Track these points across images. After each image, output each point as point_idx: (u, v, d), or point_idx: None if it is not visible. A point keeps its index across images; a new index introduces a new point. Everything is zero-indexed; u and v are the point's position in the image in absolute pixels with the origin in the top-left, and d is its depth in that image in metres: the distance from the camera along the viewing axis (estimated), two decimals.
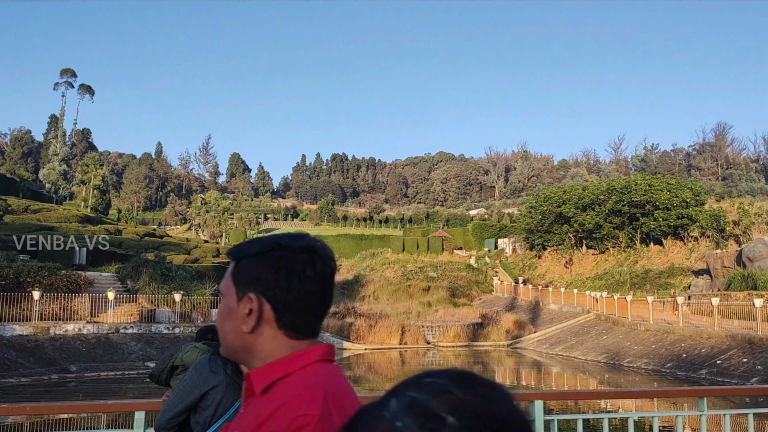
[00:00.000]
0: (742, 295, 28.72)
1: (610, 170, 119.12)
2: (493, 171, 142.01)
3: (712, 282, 36.22)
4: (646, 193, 48.78)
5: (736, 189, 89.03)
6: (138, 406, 3.47)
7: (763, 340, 21.75)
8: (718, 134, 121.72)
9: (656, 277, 42.53)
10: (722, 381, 20.39)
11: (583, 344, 31.02)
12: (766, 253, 33.72)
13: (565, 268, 54.35)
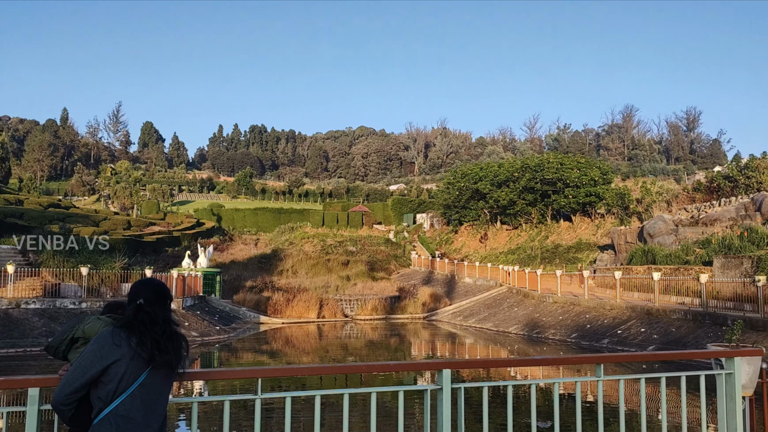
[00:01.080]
0: (643, 269, 30.48)
1: (525, 148, 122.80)
2: (413, 147, 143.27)
3: (616, 256, 38.20)
4: (557, 172, 50.67)
5: (641, 169, 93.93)
6: (31, 382, 3.26)
7: (659, 311, 23.21)
8: (626, 116, 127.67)
9: (565, 252, 44.43)
10: (622, 349, 21.65)
11: (496, 316, 32.09)
12: (665, 229, 35.86)
13: (480, 242, 55.83)
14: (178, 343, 3.15)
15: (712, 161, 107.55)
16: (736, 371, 4.15)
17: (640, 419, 3.85)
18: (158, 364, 3.03)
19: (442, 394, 3.20)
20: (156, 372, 3.04)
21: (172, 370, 3.10)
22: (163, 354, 3.03)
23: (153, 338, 3.04)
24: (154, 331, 3.06)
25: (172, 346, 3.09)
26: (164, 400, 3.11)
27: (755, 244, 29.31)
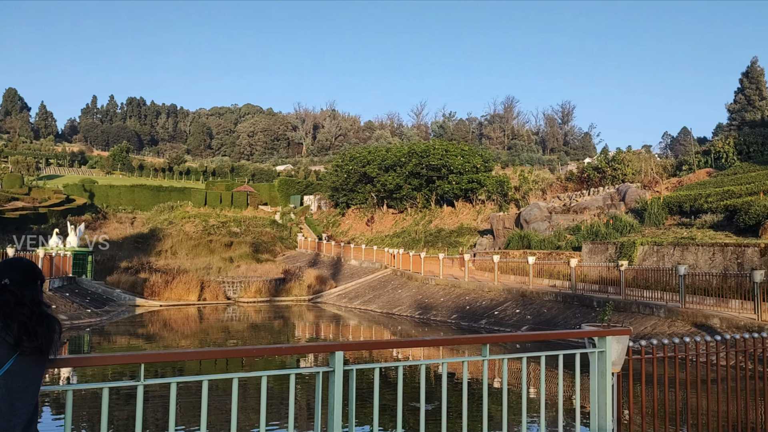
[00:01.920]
0: (519, 253, 32.08)
1: (412, 134, 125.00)
2: (301, 127, 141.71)
3: (495, 241, 39.92)
4: (442, 158, 52.07)
5: (519, 158, 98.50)
6: None
7: (533, 293, 24.53)
8: (507, 107, 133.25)
9: (447, 236, 45.86)
10: (499, 329, 22.71)
11: (381, 298, 32.59)
12: (539, 216, 37.87)
13: (366, 225, 56.38)
14: (50, 326, 2.86)
15: (584, 153, 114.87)
16: (608, 349, 4.42)
17: (521, 396, 4.01)
18: (26, 350, 2.74)
19: (334, 377, 3.15)
20: (24, 358, 2.75)
21: (42, 355, 2.82)
22: (32, 339, 2.75)
23: (20, 321, 2.75)
24: (21, 313, 2.77)
25: (42, 329, 2.80)
26: (34, 389, 2.82)
27: (619, 231, 31.65)
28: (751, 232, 24.97)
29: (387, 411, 9.23)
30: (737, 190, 30.36)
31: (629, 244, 26.34)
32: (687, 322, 17.11)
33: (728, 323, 15.81)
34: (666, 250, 24.72)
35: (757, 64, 63.89)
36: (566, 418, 8.79)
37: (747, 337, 5.48)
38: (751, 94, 62.10)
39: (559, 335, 4.75)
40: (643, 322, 18.17)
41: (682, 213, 32.12)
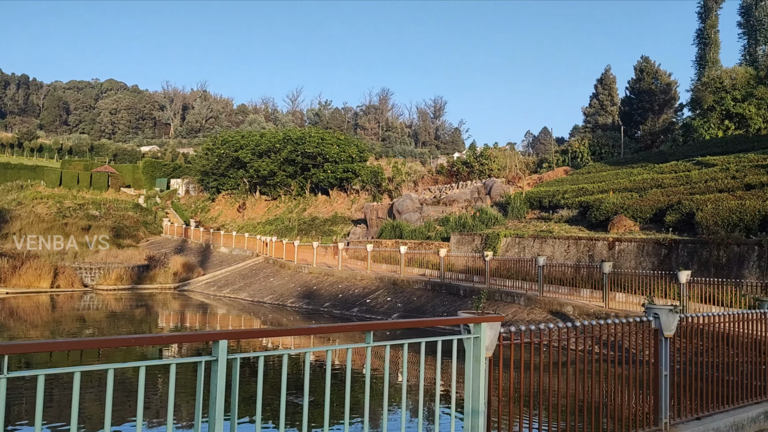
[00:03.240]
0: (391, 243, 32.74)
1: (287, 120, 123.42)
2: (169, 107, 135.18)
3: (368, 230, 40.46)
4: (318, 146, 51.87)
5: (392, 150, 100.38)
6: None
7: (404, 282, 25.15)
8: (382, 99, 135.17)
9: (322, 225, 45.82)
10: (370, 317, 23.07)
11: (251, 286, 31.98)
12: (411, 207, 38.85)
13: (238, 212, 55.01)
14: None
15: (453, 148, 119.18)
16: (483, 335, 4.61)
17: (395, 383, 4.08)
18: None
19: (217, 366, 3.02)
20: None
21: None
22: None
23: None
24: None
25: None
26: None
27: (485, 224, 33.20)
28: (601, 227, 27.15)
29: (267, 400, 9.08)
30: (590, 187, 32.88)
31: (494, 236, 27.72)
32: (544, 309, 18.32)
33: (580, 310, 17.11)
34: (527, 242, 26.28)
35: (610, 72, 69.36)
36: (432, 402, 9.12)
37: (595, 324, 5.94)
38: (604, 99, 67.38)
39: (438, 322, 4.89)
40: (505, 310, 19.22)
41: (542, 207, 34.29)
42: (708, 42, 51.04)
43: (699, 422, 6.33)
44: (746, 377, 7.38)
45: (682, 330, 7.39)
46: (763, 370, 7.49)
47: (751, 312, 7.51)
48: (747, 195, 22.85)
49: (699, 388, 6.80)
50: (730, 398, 6.95)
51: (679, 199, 24.92)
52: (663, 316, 6.09)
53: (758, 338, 7.56)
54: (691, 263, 20.07)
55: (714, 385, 6.95)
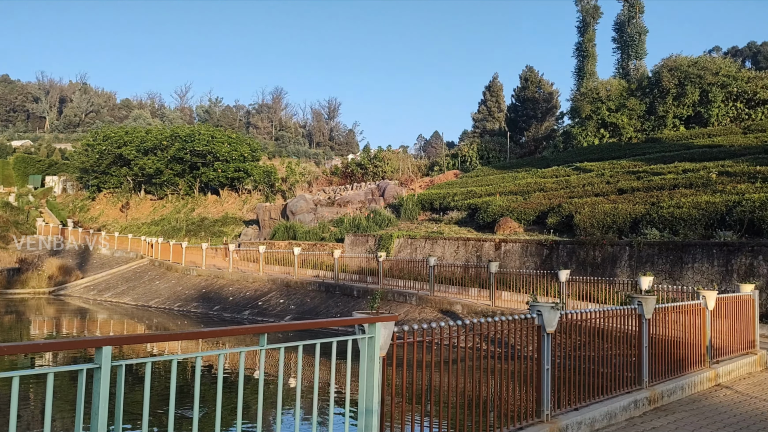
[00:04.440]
0: (284, 244, 32.35)
1: (175, 117, 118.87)
2: (44, 99, 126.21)
3: (261, 231, 39.77)
4: (208, 144, 50.35)
5: (286, 150, 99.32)
6: None
7: (297, 283, 24.93)
8: (276, 98, 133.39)
9: (211, 225, 44.52)
10: (263, 320, 22.66)
11: (135, 290, 30.50)
12: (305, 208, 38.61)
13: (121, 212, 52.32)
14: None
15: (348, 149, 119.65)
16: (377, 335, 4.65)
17: (284, 385, 4.04)
18: None
19: (100, 373, 2.85)
20: None
21: None
22: None
23: None
24: None
25: None
26: None
27: (379, 225, 33.58)
28: (489, 228, 28.23)
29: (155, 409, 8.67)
30: (478, 190, 34.12)
31: (387, 237, 28.10)
32: (435, 308, 18.78)
33: (469, 309, 17.69)
34: (419, 242, 26.85)
35: (497, 80, 72.36)
36: (325, 402, 9.11)
37: (483, 322, 6.17)
38: (492, 106, 70.20)
39: (333, 323, 4.88)
40: (397, 309, 19.52)
41: (434, 209, 35.17)
42: (586, 55, 54.42)
43: (577, 412, 6.72)
44: (619, 369, 7.92)
45: (562, 326, 7.82)
46: (633, 362, 8.07)
47: (623, 308, 8.07)
48: (620, 199, 24.57)
49: (577, 380, 7.22)
50: (604, 389, 7.43)
51: (559, 203, 26.37)
52: (545, 314, 6.42)
53: (629, 332, 8.14)
54: (570, 263, 21.31)
55: (591, 377, 7.41)
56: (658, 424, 7.12)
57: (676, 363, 8.90)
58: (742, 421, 7.40)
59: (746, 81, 38.13)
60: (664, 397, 8.08)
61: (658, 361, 8.47)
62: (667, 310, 9.00)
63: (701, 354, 9.46)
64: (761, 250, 16.86)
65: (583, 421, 6.60)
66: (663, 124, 40.48)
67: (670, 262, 18.88)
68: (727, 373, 9.74)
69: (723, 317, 10.18)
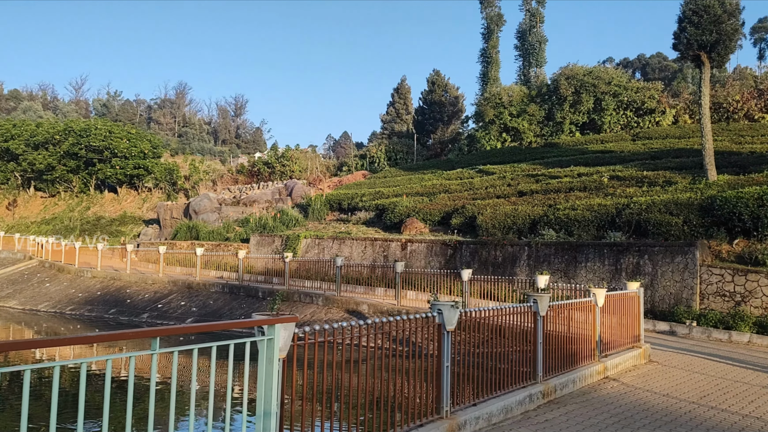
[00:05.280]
0: (187, 244, 31.34)
1: (70, 110, 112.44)
2: None
3: (161, 231, 38.32)
4: (105, 139, 47.97)
5: (190, 147, 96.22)
6: None
7: (200, 285, 24.21)
8: (179, 93, 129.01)
9: (108, 225, 42.46)
10: (162, 323, 21.82)
11: (22, 293, 28.59)
12: (209, 207, 37.58)
13: (7, 210, 48.93)
14: None
15: (255, 147, 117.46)
16: (276, 337, 4.58)
17: (186, 390, 3.91)
18: None
19: None
20: None
21: None
22: None
23: None
24: None
25: None
26: None
27: (286, 225, 33.20)
28: (395, 229, 28.56)
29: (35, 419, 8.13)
30: (386, 191, 34.46)
31: (294, 237, 27.83)
32: (342, 308, 18.78)
33: (375, 309, 17.82)
34: (326, 243, 26.77)
35: (405, 82, 73.36)
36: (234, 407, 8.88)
37: (385, 321, 6.23)
38: (400, 108, 71.10)
39: (231, 325, 4.77)
40: (303, 310, 19.37)
41: (341, 209, 35.18)
42: (490, 61, 56.22)
43: (475, 408, 6.91)
44: (516, 365, 8.22)
45: (463, 324, 8.03)
46: (530, 358, 8.40)
47: (519, 306, 8.39)
48: (520, 201, 25.54)
49: (477, 376, 7.43)
50: (502, 384, 7.69)
51: (463, 204, 27.08)
52: (445, 312, 6.56)
53: (526, 329, 8.46)
54: (473, 262, 21.93)
55: (490, 373, 7.64)
56: (551, 417, 7.44)
57: (569, 358, 9.34)
58: (627, 411, 7.87)
59: (635, 91, 40.66)
60: (557, 391, 8.46)
61: (552, 356, 8.86)
62: (560, 308, 9.44)
63: (591, 348, 9.99)
64: (647, 250, 18.02)
65: (481, 416, 6.80)
66: (560, 129, 42.46)
67: (566, 262, 19.83)
68: (615, 366, 10.33)
69: (611, 313, 10.80)
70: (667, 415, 7.70)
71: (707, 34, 22.05)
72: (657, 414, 7.74)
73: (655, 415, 7.67)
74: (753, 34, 74.04)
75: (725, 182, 21.09)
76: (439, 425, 6.25)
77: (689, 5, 22.61)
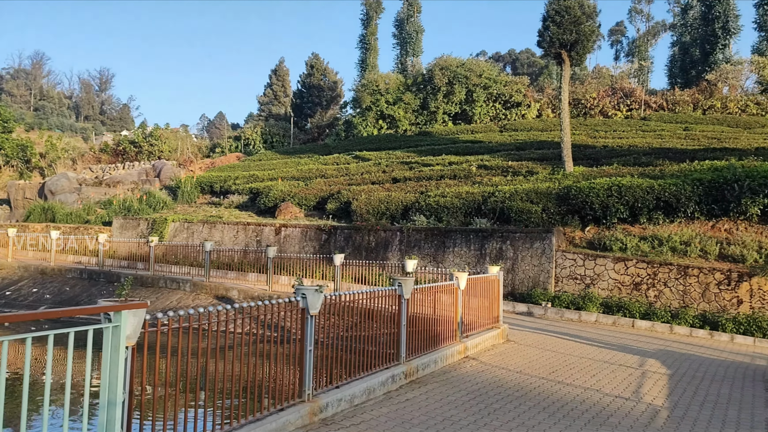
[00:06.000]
0: (41, 227, 29.06)
1: None
2: None
3: (12, 212, 35.29)
4: None
5: (48, 122, 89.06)
6: None
7: (55, 271, 22.55)
8: (35, 63, 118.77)
9: None
10: (9, 311, 20.12)
11: None
12: (68, 187, 35.05)
13: None
14: None
15: (121, 125, 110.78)
16: (123, 323, 4.34)
17: (23, 380, 3.61)
18: None
19: None
20: None
21: None
22: None
23: None
24: None
25: None
26: None
27: (153, 208, 31.68)
28: (270, 213, 28.13)
29: None
30: (261, 175, 33.81)
31: (161, 221, 26.64)
32: (210, 294, 18.26)
33: (245, 294, 17.48)
34: (196, 227, 25.86)
35: (284, 64, 72.21)
36: (81, 397, 8.36)
37: (246, 306, 6.11)
38: (278, 90, 69.87)
39: (75, 312, 4.45)
40: (169, 297, 18.62)
41: (213, 193, 34.09)
42: (369, 48, 56.59)
43: (338, 390, 6.97)
44: (382, 347, 8.39)
45: (333, 308, 8.07)
46: (396, 340, 8.60)
47: (385, 289, 8.55)
48: (393, 187, 26.03)
49: (344, 359, 7.50)
50: (367, 366, 7.82)
51: (339, 189, 27.18)
52: (309, 296, 6.54)
53: (394, 312, 8.65)
54: (347, 247, 22.11)
55: (357, 355, 7.74)
56: (412, 396, 7.67)
57: (432, 339, 9.67)
58: (483, 387, 8.28)
59: (504, 84, 42.65)
60: (419, 371, 8.73)
61: (417, 337, 9.13)
62: (425, 291, 9.73)
63: (453, 330, 10.40)
64: (509, 236, 19.03)
65: (343, 398, 6.87)
66: (434, 119, 43.69)
67: (435, 247, 20.49)
68: (475, 345, 10.83)
69: (473, 296, 11.29)
70: (519, 391, 8.19)
71: (568, 33, 23.51)
72: (510, 390, 8.21)
73: (507, 391, 8.13)
74: (610, 36, 79.95)
75: (580, 173, 22.68)
76: (300, 408, 6.24)
77: (552, 5, 23.97)
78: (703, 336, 14.84)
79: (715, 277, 15.79)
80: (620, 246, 17.53)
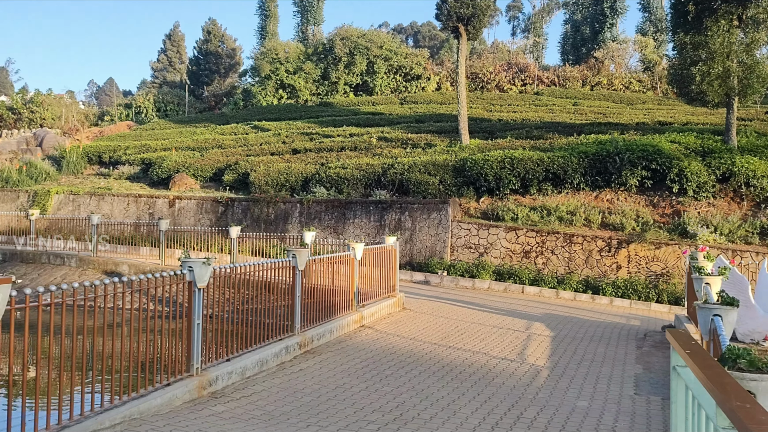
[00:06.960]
0: None
1: None
2: None
3: None
4: None
5: None
6: None
7: None
8: None
9: None
10: None
11: None
12: None
13: None
14: None
15: None
16: None
17: None
18: None
19: None
20: None
21: None
22: None
23: None
24: None
25: None
26: None
27: (34, 179, 29.65)
28: (163, 185, 27.03)
29: None
30: (154, 144, 32.34)
31: (44, 193, 25.01)
32: (98, 270, 17.39)
33: (136, 269, 16.77)
34: (83, 199, 24.47)
35: (179, 29, 68.90)
36: None
37: (136, 279, 5.85)
38: (173, 56, 66.67)
39: None
40: (53, 273, 17.60)
41: (102, 163, 32.31)
42: (269, 14, 55.00)
43: (229, 363, 6.86)
44: (278, 318, 8.32)
45: (227, 281, 7.90)
46: (291, 312, 8.55)
47: (278, 261, 8.46)
48: (293, 159, 25.69)
49: (237, 332, 7.37)
50: (261, 338, 7.74)
51: (236, 160, 26.49)
52: (197, 269, 6.35)
53: (289, 284, 8.59)
54: (245, 219, 21.68)
55: (250, 327, 7.63)
56: (305, 366, 7.69)
57: (329, 309, 9.70)
58: (377, 355, 8.42)
59: (405, 57, 42.85)
60: (314, 341, 8.75)
61: (312, 308, 9.12)
62: (320, 261, 9.72)
63: (350, 299, 10.49)
64: (407, 207, 19.34)
65: (234, 371, 6.78)
66: (335, 89, 43.32)
67: (335, 218, 20.50)
68: (371, 314, 10.98)
69: (370, 266, 11.41)
70: (411, 357, 8.40)
71: (465, 7, 23.89)
72: (403, 356, 8.41)
73: (401, 357, 8.32)
74: (508, 11, 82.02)
75: (476, 146, 23.30)
76: (188, 383, 6.10)
77: None
78: (585, 300, 15.81)
79: (597, 244, 16.81)
80: (512, 216, 18.24)
